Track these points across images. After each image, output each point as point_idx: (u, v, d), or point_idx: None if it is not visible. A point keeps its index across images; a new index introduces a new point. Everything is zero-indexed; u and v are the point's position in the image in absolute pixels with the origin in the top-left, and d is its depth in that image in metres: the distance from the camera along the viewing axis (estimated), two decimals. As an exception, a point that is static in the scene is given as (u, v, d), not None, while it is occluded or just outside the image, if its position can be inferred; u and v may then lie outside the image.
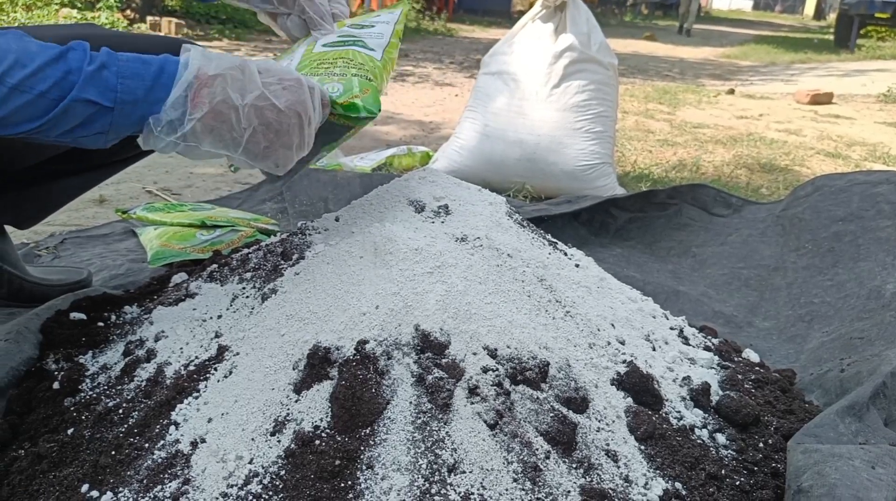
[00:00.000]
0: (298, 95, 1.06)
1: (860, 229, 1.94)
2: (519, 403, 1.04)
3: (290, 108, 1.05)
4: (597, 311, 1.29)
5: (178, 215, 2.14)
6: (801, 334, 1.70)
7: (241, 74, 1.03)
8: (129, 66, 0.99)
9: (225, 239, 2.01)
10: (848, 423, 1.13)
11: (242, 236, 2.04)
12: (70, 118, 0.96)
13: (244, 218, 2.18)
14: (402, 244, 1.18)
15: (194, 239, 2.00)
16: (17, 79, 0.92)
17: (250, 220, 2.18)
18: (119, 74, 0.97)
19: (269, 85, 1.04)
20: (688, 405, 1.21)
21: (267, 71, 1.06)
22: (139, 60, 1.00)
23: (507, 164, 2.81)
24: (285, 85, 1.05)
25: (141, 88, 0.98)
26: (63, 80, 0.94)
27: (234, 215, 2.18)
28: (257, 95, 1.03)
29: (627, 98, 5.81)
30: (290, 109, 1.05)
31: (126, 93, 0.97)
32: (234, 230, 2.07)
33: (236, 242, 2.00)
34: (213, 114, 1.01)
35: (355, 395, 0.98)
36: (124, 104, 0.97)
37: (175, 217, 2.12)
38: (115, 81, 0.97)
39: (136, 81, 0.98)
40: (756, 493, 1.08)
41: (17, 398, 1.21)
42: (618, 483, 1.02)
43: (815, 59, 11.06)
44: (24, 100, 0.92)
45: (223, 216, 2.14)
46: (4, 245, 1.60)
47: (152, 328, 1.25)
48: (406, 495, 0.92)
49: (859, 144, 4.50)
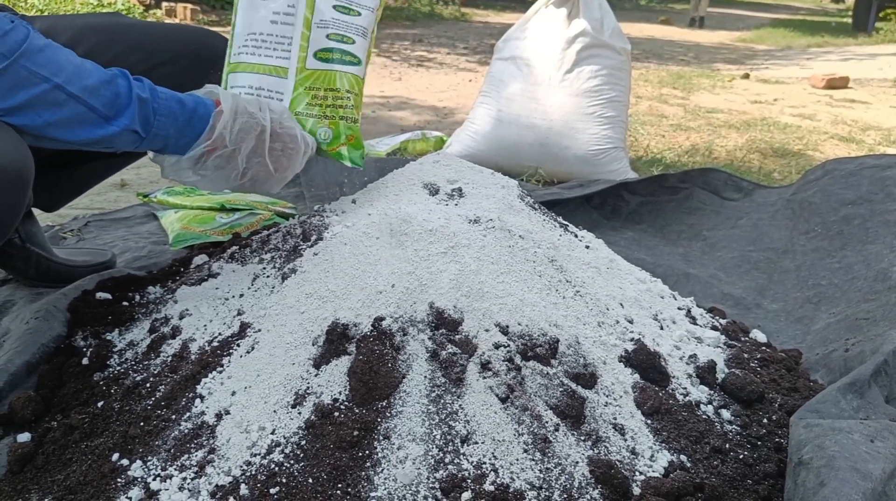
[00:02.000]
0: (294, 162, 1.27)
1: (869, 213, 1.96)
2: (529, 378, 1.08)
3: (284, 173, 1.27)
4: (606, 291, 1.33)
5: (197, 198, 2.19)
6: (808, 315, 1.72)
7: (253, 117, 1.19)
8: (166, 105, 1.11)
9: (244, 222, 2.06)
10: (849, 399, 1.16)
11: (261, 218, 2.09)
12: (109, 140, 1.07)
13: (262, 202, 2.22)
14: (416, 226, 1.21)
15: (214, 222, 2.05)
16: (75, 90, 1.01)
17: (268, 204, 2.22)
18: (157, 111, 1.10)
19: (273, 151, 1.23)
20: (694, 381, 1.25)
21: (278, 135, 1.23)
22: (176, 100, 1.12)
23: (520, 148, 2.84)
24: (287, 152, 1.25)
25: (172, 128, 1.12)
26: (113, 101, 1.04)
27: (251, 199, 2.22)
28: (258, 161, 1.22)
29: (641, 83, 5.81)
30: (284, 172, 1.27)
31: (160, 128, 1.10)
32: (252, 213, 2.12)
33: (255, 224, 2.04)
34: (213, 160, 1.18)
35: (372, 369, 1.03)
36: (155, 137, 1.11)
37: (195, 201, 2.16)
38: (153, 118, 1.09)
39: (170, 120, 1.11)
40: (759, 466, 1.11)
41: (48, 374, 1.26)
42: (624, 455, 1.06)
43: (832, 42, 10.96)
44: (78, 110, 1.01)
45: (241, 200, 2.18)
46: (32, 227, 1.65)
47: (177, 307, 1.30)
48: (421, 464, 0.96)
49: (874, 128, 4.49)
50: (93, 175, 1.64)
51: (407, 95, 4.78)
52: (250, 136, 1.19)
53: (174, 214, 2.14)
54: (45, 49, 1.00)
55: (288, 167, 1.28)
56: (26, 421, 1.16)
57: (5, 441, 1.15)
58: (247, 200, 2.20)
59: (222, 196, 2.19)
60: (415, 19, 10.64)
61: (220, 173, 1.20)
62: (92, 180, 1.66)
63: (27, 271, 1.64)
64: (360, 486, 0.94)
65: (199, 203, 2.14)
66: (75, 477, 1.03)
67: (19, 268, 1.64)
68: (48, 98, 1.00)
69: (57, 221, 2.15)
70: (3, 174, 1.00)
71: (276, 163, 1.23)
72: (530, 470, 0.98)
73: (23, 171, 1.04)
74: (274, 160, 1.23)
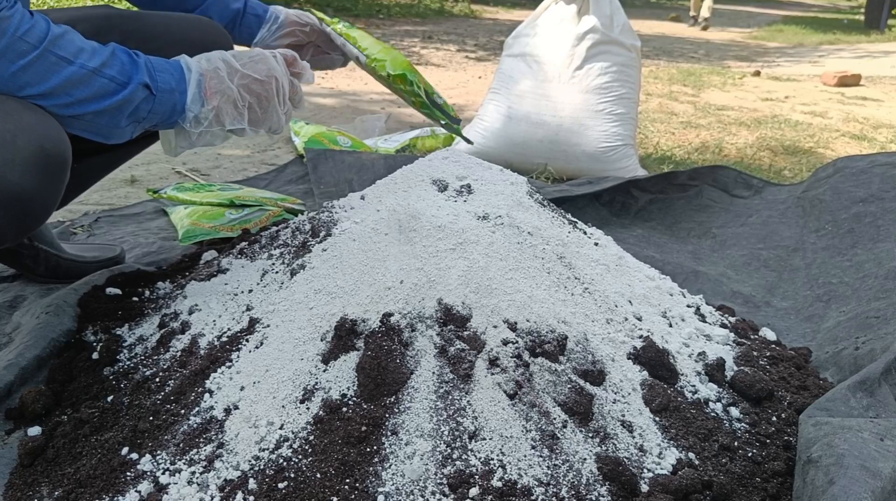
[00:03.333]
0: (268, 64, 1.28)
1: (880, 211, 1.95)
2: (538, 374, 1.08)
3: (266, 76, 1.27)
4: (615, 288, 1.33)
5: (206, 194, 2.19)
6: (818, 313, 1.72)
7: (225, 65, 1.24)
8: (156, 62, 1.18)
9: (253, 218, 2.06)
10: (859, 398, 1.16)
11: (270, 214, 2.09)
12: (131, 101, 1.13)
13: (271, 198, 2.23)
14: (425, 222, 1.22)
15: (223, 218, 2.05)
16: (95, 65, 1.09)
17: (277, 200, 2.22)
18: (153, 68, 1.16)
19: (245, 65, 1.26)
20: (702, 379, 1.24)
21: (238, 55, 1.28)
22: (159, 59, 1.19)
23: (529, 145, 2.84)
24: (256, 59, 1.28)
25: (172, 80, 1.18)
26: (123, 67, 1.12)
27: (261, 195, 2.23)
28: (241, 75, 1.25)
29: (652, 80, 5.79)
30: (267, 76, 1.27)
31: (163, 82, 1.17)
32: (261, 209, 2.12)
33: (264, 220, 2.05)
34: (223, 101, 1.23)
35: (381, 365, 1.03)
36: (163, 93, 1.16)
37: (204, 197, 2.17)
38: (154, 73, 1.16)
39: (166, 74, 1.18)
40: (768, 464, 1.11)
41: (58, 368, 1.27)
42: (632, 452, 1.06)
43: (844, 40, 10.90)
44: (101, 82, 1.10)
45: (251, 196, 2.19)
46: (40, 226, 1.66)
47: (186, 302, 1.31)
48: (429, 459, 0.96)
49: (886, 126, 4.46)
50: (94, 171, 1.63)
51: (417, 92, 4.77)
52: (219, 60, 1.25)
53: (183, 210, 2.14)
54: (65, 35, 1.08)
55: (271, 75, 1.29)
56: (37, 415, 1.17)
57: (16, 434, 1.15)
58: (256, 196, 2.20)
59: (231, 193, 2.20)
60: (424, 16, 10.63)
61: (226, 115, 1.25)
62: (93, 176, 1.66)
63: (37, 268, 1.65)
64: (368, 481, 0.95)
65: (208, 199, 2.15)
66: (85, 471, 1.04)
67: (29, 266, 1.65)
68: (75, 78, 1.08)
69: (67, 216, 2.16)
70: (50, 159, 1.07)
71: (256, 72, 1.27)
72: (538, 467, 0.98)
73: (66, 154, 1.11)
74: (252, 70, 1.26)
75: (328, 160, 2.63)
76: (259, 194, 2.23)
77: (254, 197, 2.19)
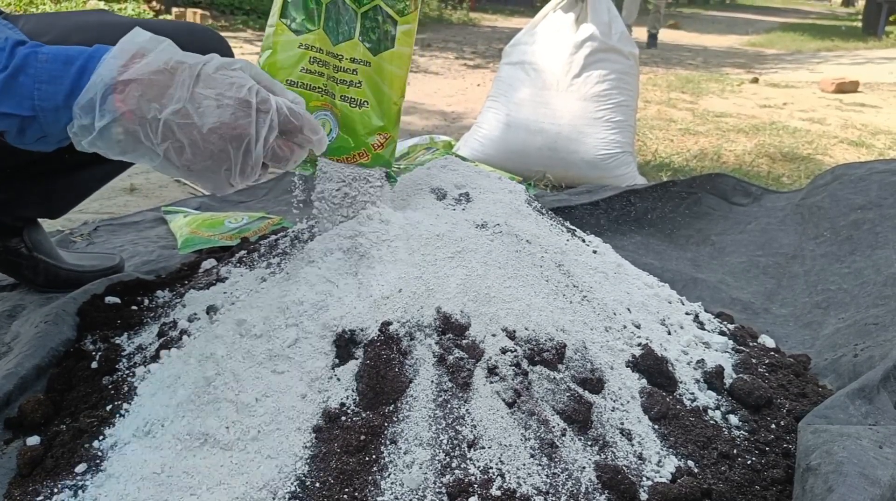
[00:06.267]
0: (234, 118, 0.89)
1: (878, 217, 1.96)
2: (536, 383, 1.08)
3: (215, 131, 0.89)
4: (613, 296, 1.33)
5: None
6: (817, 320, 1.72)
7: (168, 80, 0.89)
8: (47, 68, 0.88)
9: (253, 226, 2.06)
10: (858, 405, 1.16)
11: (269, 223, 2.09)
12: (1, 128, 0.89)
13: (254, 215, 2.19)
14: (424, 230, 1.22)
15: (223, 227, 2.06)
16: None
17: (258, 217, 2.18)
18: (36, 78, 0.87)
19: (200, 98, 0.89)
20: (701, 387, 1.24)
21: (211, 80, 0.90)
22: (61, 59, 0.89)
23: (528, 153, 2.84)
24: (221, 102, 0.89)
25: (60, 94, 0.87)
26: None
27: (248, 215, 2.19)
28: (176, 110, 0.88)
29: (650, 87, 5.80)
30: (213, 132, 0.89)
31: (44, 99, 0.87)
32: (261, 218, 2.13)
33: (263, 229, 2.05)
34: (124, 122, 0.88)
35: (379, 374, 1.03)
36: (45, 111, 0.88)
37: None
38: (32, 86, 0.87)
39: (55, 85, 0.87)
40: (767, 472, 1.11)
41: (57, 377, 1.27)
42: (631, 460, 1.06)
43: (842, 46, 10.93)
44: None
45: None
46: (38, 236, 1.66)
47: (185, 311, 1.30)
48: (428, 468, 0.96)
49: (884, 132, 4.47)
50: (91, 181, 1.63)
51: (415, 100, 4.79)
52: (160, 71, 0.88)
53: (183, 218, 2.15)
54: None
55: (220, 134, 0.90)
56: (36, 424, 1.17)
57: (15, 443, 1.15)
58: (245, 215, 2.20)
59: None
60: (423, 24, 10.66)
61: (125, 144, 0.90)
62: (91, 186, 1.65)
63: (36, 278, 1.66)
64: (367, 490, 0.95)
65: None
66: (84, 481, 1.03)
67: (28, 276, 1.65)
68: None
69: (67, 225, 2.16)
70: None
71: (202, 117, 0.89)
72: (537, 475, 0.98)
73: None
74: (199, 113, 0.88)
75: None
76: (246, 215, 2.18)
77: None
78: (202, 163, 0.91)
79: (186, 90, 0.88)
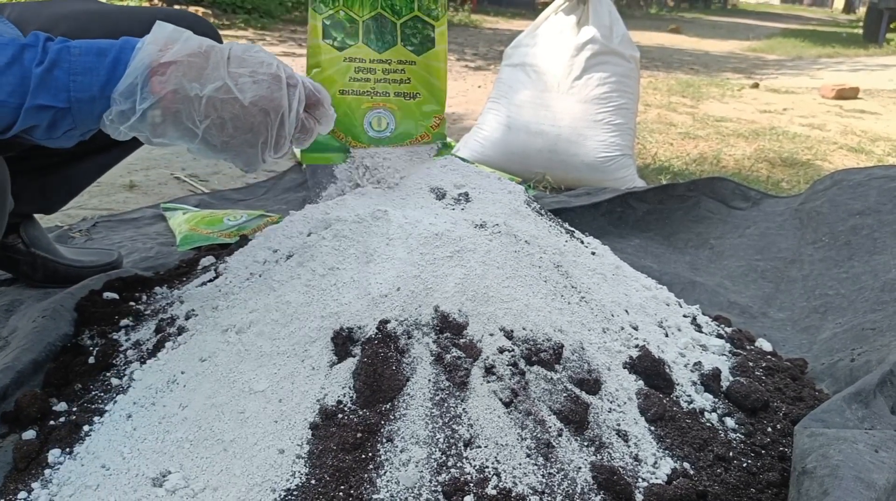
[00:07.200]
0: (270, 92, 0.98)
1: (877, 223, 1.96)
2: (533, 383, 1.08)
3: (256, 104, 0.98)
4: (611, 297, 1.33)
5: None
6: (814, 325, 1.72)
7: (204, 62, 0.96)
8: (81, 61, 0.92)
9: (252, 224, 2.06)
10: (854, 409, 1.16)
11: (268, 221, 2.09)
12: (34, 123, 0.92)
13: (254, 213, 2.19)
14: (423, 229, 1.22)
15: (222, 224, 2.06)
16: None
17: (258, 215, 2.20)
18: (71, 71, 0.91)
19: (236, 76, 0.97)
20: (698, 389, 1.24)
21: (241, 60, 0.98)
22: (94, 52, 0.93)
23: (528, 155, 2.84)
24: (256, 78, 0.98)
25: (96, 85, 0.92)
26: (20, 85, 0.89)
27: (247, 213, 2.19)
28: (218, 87, 0.95)
29: (650, 91, 5.81)
30: (255, 106, 0.98)
31: (80, 91, 0.92)
32: (261, 216, 2.13)
33: (262, 227, 2.05)
34: (166, 103, 0.94)
35: (377, 372, 1.03)
36: (80, 103, 0.92)
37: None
38: (67, 79, 0.91)
39: (90, 76, 0.92)
40: (763, 475, 1.11)
41: (54, 372, 1.27)
42: (627, 461, 1.06)
43: (843, 53, 10.94)
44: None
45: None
46: (35, 231, 1.66)
47: (183, 307, 1.30)
48: (423, 467, 0.96)
49: (883, 139, 4.47)
50: (85, 175, 1.63)
51: (416, 101, 4.77)
52: (195, 54, 0.95)
53: (182, 215, 2.15)
54: None
55: (261, 107, 0.98)
56: (32, 419, 1.17)
57: (11, 438, 1.15)
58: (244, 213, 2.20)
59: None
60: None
61: (168, 124, 0.96)
62: (85, 181, 1.65)
63: (34, 274, 1.66)
64: (363, 488, 0.95)
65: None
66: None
67: (26, 272, 1.65)
68: None
69: (66, 221, 2.16)
70: None
71: (243, 92, 0.97)
72: (533, 475, 0.98)
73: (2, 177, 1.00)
74: (239, 88, 0.97)
75: (326, 167, 2.63)
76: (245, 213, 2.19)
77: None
78: (242, 136, 1.00)
79: (223, 69, 0.96)
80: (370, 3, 1.45)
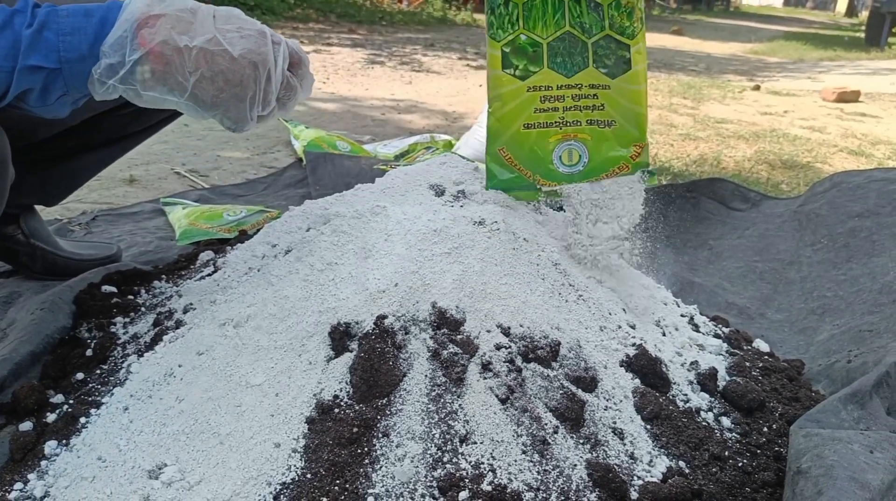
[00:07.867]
0: (258, 46, 1.01)
1: (876, 225, 1.96)
2: (530, 380, 1.08)
3: (245, 57, 1.00)
4: (609, 296, 1.33)
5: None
6: (812, 326, 1.72)
7: (191, 17, 0.98)
8: (69, 21, 0.94)
9: (251, 219, 2.07)
10: (850, 410, 1.16)
11: (268, 217, 2.10)
12: (27, 86, 0.94)
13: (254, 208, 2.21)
14: (421, 226, 1.22)
15: (221, 219, 2.06)
16: None
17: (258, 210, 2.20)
18: (59, 31, 0.93)
19: (224, 31, 0.99)
20: (695, 388, 1.25)
21: (227, 18, 1.02)
22: (81, 13, 0.96)
23: (528, 154, 2.84)
24: (244, 34, 1.01)
25: (84, 43, 0.94)
26: (12, 48, 0.91)
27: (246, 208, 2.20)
28: (208, 39, 0.98)
29: (652, 92, 5.80)
30: (244, 58, 1.00)
31: (69, 50, 0.94)
32: (260, 211, 2.13)
33: (262, 222, 2.05)
34: (155, 55, 0.96)
35: (373, 367, 1.03)
36: (70, 62, 0.94)
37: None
38: (57, 40, 0.93)
39: (78, 36, 0.94)
40: (758, 474, 1.11)
41: (52, 364, 1.27)
42: (623, 459, 1.06)
43: (844, 56, 10.94)
44: None
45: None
46: (35, 223, 1.67)
47: (181, 301, 1.31)
48: (419, 462, 0.96)
49: (884, 142, 4.47)
50: (87, 168, 1.63)
51: (417, 99, 4.79)
52: (183, 10, 0.98)
53: (182, 210, 2.15)
54: None
55: (251, 60, 1.00)
56: (29, 410, 1.17)
57: (7, 429, 1.15)
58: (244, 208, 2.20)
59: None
60: (427, 24, 10.66)
61: (158, 77, 0.97)
62: (87, 173, 1.66)
63: (34, 266, 1.66)
64: (359, 483, 0.95)
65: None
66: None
67: (25, 263, 1.66)
68: None
69: (65, 214, 2.16)
70: None
71: (232, 45, 0.99)
72: (528, 472, 0.98)
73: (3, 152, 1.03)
74: (229, 42, 0.99)
75: (327, 164, 2.64)
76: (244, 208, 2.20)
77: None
78: (231, 90, 1.00)
79: (211, 25, 0.99)
80: (555, 22, 1.29)
